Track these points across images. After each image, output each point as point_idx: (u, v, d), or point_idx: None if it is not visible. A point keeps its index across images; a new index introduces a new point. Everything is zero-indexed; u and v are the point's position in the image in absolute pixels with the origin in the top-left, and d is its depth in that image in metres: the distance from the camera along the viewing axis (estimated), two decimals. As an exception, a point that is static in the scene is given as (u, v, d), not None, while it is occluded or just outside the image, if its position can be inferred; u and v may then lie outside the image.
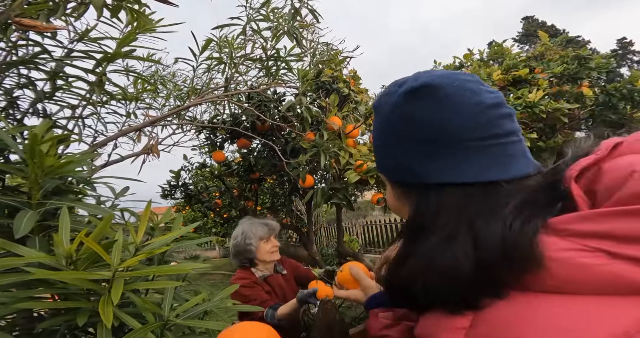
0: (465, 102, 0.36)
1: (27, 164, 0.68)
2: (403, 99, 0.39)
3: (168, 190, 2.91)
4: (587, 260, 0.28)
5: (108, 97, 1.43)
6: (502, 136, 0.37)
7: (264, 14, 1.47)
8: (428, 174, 0.38)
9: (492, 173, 0.35)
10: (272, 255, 1.41)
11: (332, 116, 1.63)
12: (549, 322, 0.27)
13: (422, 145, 0.38)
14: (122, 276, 0.60)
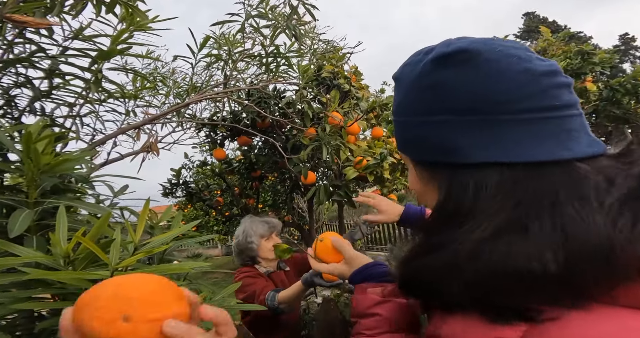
0: (512, 69, 0.30)
1: (25, 163, 0.67)
2: (431, 66, 0.34)
3: (169, 188, 2.91)
4: None
5: (106, 95, 1.42)
6: (558, 108, 0.30)
7: (262, 12, 1.45)
8: (466, 152, 0.31)
9: (546, 153, 0.29)
10: (274, 253, 1.40)
11: (332, 111, 1.61)
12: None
13: (458, 117, 0.32)
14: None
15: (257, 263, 1.39)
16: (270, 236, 1.41)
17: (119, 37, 1.18)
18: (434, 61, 0.33)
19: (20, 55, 1.07)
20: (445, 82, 0.33)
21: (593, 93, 2.51)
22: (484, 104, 0.31)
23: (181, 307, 0.29)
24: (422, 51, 0.37)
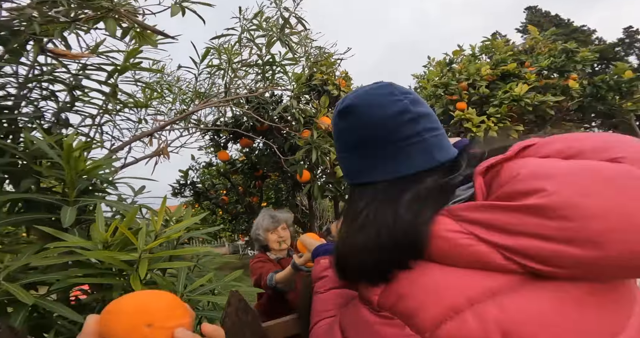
0: (373, 116, 0.45)
1: (64, 168, 0.83)
2: (337, 119, 0.50)
3: (178, 189, 3.09)
4: (464, 241, 0.36)
5: (121, 106, 1.58)
6: (407, 138, 0.44)
7: (257, 24, 1.59)
8: (356, 174, 0.49)
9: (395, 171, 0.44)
10: (279, 245, 1.53)
11: (322, 116, 1.76)
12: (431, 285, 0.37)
13: (350, 152, 0.49)
14: (146, 257, 0.75)
15: (269, 251, 1.56)
16: (276, 229, 1.54)
17: (131, 54, 1.33)
18: (337, 115, 0.50)
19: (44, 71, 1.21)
20: (342, 129, 0.50)
21: (575, 90, 2.60)
22: (358, 144, 0.47)
23: (187, 319, 0.34)
24: (337, 103, 0.53)
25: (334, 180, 1.82)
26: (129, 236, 0.69)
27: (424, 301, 0.36)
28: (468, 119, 2.55)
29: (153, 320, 0.31)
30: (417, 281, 0.38)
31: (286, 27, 1.61)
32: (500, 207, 0.34)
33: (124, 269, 0.76)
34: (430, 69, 3.73)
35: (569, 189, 0.31)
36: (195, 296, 0.83)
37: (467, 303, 0.34)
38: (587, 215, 0.30)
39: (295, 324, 0.66)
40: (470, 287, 0.35)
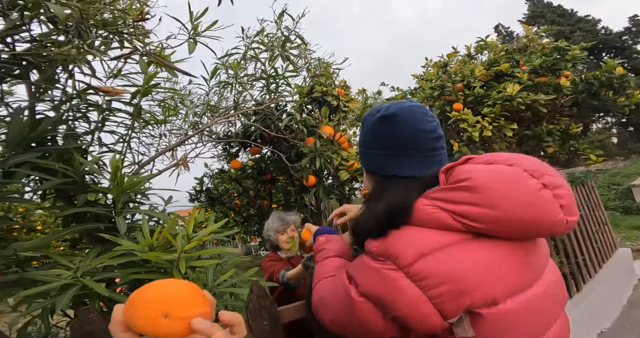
0: (411, 128, 0.64)
1: (112, 186, 1.01)
2: (378, 121, 0.66)
3: (194, 195, 3.30)
4: (431, 210, 0.57)
5: (144, 124, 1.76)
6: (430, 150, 0.65)
7: (259, 41, 1.76)
8: (385, 169, 0.67)
9: (416, 172, 0.64)
10: (288, 245, 1.65)
11: (323, 126, 1.92)
12: (409, 238, 0.56)
13: (385, 151, 0.66)
14: (184, 257, 0.92)
15: (279, 250, 1.69)
16: (285, 231, 1.66)
17: (151, 78, 1.49)
18: (380, 118, 0.66)
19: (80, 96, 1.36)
20: (381, 132, 0.67)
21: (566, 88, 2.68)
22: (396, 147, 0.66)
23: (205, 307, 0.34)
24: (377, 107, 0.70)
25: (339, 183, 1.98)
26: (170, 240, 0.87)
27: (404, 247, 0.55)
28: (464, 119, 2.65)
29: (170, 310, 0.32)
30: (401, 236, 0.57)
31: (287, 42, 1.77)
32: (449, 188, 0.57)
33: (167, 267, 0.93)
34: (428, 70, 3.83)
35: (483, 178, 0.54)
36: (221, 288, 1.00)
37: (430, 250, 0.54)
38: (490, 191, 0.53)
39: (302, 309, 0.82)
40: (433, 240, 0.55)
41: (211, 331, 0.33)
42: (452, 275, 0.51)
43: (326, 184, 2.02)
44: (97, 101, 1.42)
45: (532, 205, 0.51)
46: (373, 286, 0.56)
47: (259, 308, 0.71)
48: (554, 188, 0.53)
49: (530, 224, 0.52)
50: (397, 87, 4.11)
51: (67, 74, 1.21)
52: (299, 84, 2.19)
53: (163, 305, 0.32)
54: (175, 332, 0.32)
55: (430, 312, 0.51)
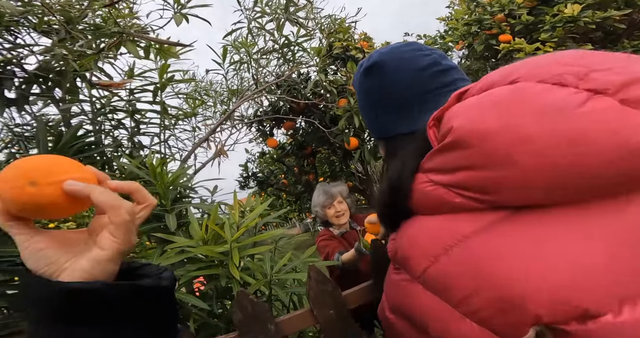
0: (403, 71, 0.47)
1: (155, 184, 1.00)
2: (362, 77, 0.52)
3: (243, 182, 3.41)
4: (428, 189, 0.38)
5: (175, 120, 1.76)
6: (438, 88, 0.47)
7: (260, 10, 1.55)
8: (390, 129, 0.51)
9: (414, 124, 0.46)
10: (338, 220, 1.53)
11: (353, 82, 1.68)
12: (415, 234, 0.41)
13: (384, 108, 0.50)
14: (236, 246, 0.87)
15: (331, 225, 1.57)
16: (332, 204, 1.53)
17: (163, 71, 1.43)
18: (363, 73, 0.51)
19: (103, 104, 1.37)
20: (370, 87, 0.50)
21: None
22: (391, 100, 0.48)
23: (82, 173, 0.30)
24: (360, 63, 0.54)
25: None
26: (218, 231, 0.82)
27: (411, 247, 0.40)
28: (519, 49, 2.22)
29: (36, 177, 0.28)
30: (405, 234, 0.42)
31: (290, 5, 1.53)
32: (438, 150, 0.37)
33: (222, 259, 0.91)
34: (455, 8, 3.26)
35: (467, 121, 0.34)
36: (282, 275, 0.94)
37: (443, 248, 0.36)
38: (486, 139, 0.32)
39: (369, 290, 0.71)
40: (445, 232, 0.37)
41: (87, 190, 0.28)
42: (484, 277, 0.32)
43: (370, 145, 1.83)
44: (124, 105, 1.42)
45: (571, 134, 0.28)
46: (399, 302, 0.44)
47: (321, 295, 0.62)
48: (619, 89, 0.28)
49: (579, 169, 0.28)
50: (424, 35, 3.54)
51: (84, 84, 1.19)
52: (316, 47, 1.96)
53: (27, 173, 0.28)
54: (48, 199, 0.28)
55: (475, 332, 0.33)
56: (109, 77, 1.35)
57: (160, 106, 1.48)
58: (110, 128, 1.44)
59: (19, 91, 0.89)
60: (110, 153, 1.33)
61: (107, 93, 1.36)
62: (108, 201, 0.29)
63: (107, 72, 1.33)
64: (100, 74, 1.27)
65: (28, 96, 0.95)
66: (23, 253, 0.28)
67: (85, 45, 0.91)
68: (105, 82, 1.31)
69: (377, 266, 0.70)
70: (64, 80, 1.00)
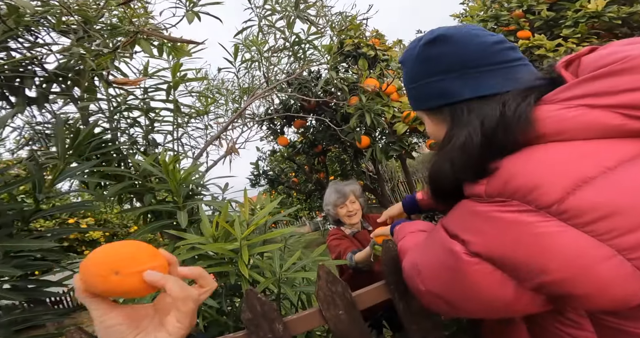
0: (472, 43, 0.49)
1: (168, 181, 1.01)
2: (424, 48, 0.52)
3: (254, 180, 3.44)
4: (572, 114, 0.38)
5: (187, 118, 1.78)
6: (508, 61, 0.48)
7: (271, 8, 1.54)
8: (456, 93, 0.49)
9: (500, 87, 0.46)
10: (350, 219, 1.50)
11: (364, 79, 1.65)
12: (548, 159, 0.38)
13: (447, 74, 0.50)
14: (245, 244, 0.87)
15: (343, 225, 1.54)
16: (344, 204, 1.50)
17: (176, 69, 1.44)
18: (425, 44, 0.52)
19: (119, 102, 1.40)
20: (434, 55, 0.51)
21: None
22: (458, 66, 0.49)
23: (158, 262, 0.35)
24: (415, 40, 0.56)
25: (396, 138, 1.74)
26: (228, 228, 0.82)
27: (542, 175, 0.37)
28: (538, 45, 2.15)
29: (119, 268, 0.32)
30: (531, 160, 0.39)
31: (300, 3, 1.52)
32: (595, 77, 0.38)
33: (232, 257, 0.91)
34: (470, 4, 3.18)
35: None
36: (291, 274, 0.93)
37: (597, 171, 0.35)
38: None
39: (383, 291, 0.69)
40: (597, 155, 0.36)
41: (163, 281, 0.33)
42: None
43: (381, 144, 1.80)
44: (138, 104, 1.45)
45: None
46: (493, 240, 0.38)
47: (330, 296, 0.61)
48: None
49: None
50: None
51: (101, 83, 1.22)
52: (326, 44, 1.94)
53: (111, 263, 0.33)
54: (129, 288, 0.33)
55: (622, 272, 0.31)
56: (124, 76, 1.38)
57: (174, 104, 1.50)
58: (126, 126, 1.48)
59: (39, 89, 0.92)
60: (126, 150, 1.36)
61: (123, 92, 1.39)
62: (179, 293, 0.33)
63: (123, 71, 1.36)
64: (116, 73, 1.30)
65: (48, 94, 0.97)
66: (97, 327, 0.33)
67: (102, 44, 0.93)
68: (120, 80, 1.34)
69: (389, 267, 0.68)
70: (82, 79, 1.02)
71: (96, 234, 6.05)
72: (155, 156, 1.29)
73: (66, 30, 0.91)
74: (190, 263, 0.98)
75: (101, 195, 1.04)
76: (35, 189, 0.78)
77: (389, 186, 6.20)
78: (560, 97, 0.40)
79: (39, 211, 0.88)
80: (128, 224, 6.83)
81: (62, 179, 0.82)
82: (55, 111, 1.11)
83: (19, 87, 0.87)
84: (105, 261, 0.33)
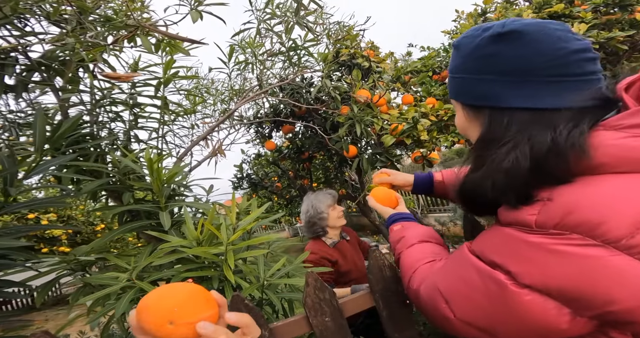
0: (550, 48, 0.43)
1: (151, 180, 0.97)
2: (488, 41, 0.46)
3: (237, 182, 3.37)
4: (634, 144, 0.37)
5: (174, 116, 1.73)
6: (580, 74, 0.43)
7: (271, 12, 1.56)
8: (504, 99, 0.45)
9: (554, 102, 0.43)
10: (340, 220, 1.55)
11: (357, 90, 1.70)
12: (614, 193, 0.36)
13: (500, 77, 0.46)
14: (231, 248, 0.85)
15: (326, 234, 1.55)
16: (334, 205, 1.57)
17: (168, 66, 1.41)
18: (491, 37, 0.46)
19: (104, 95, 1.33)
20: (496, 53, 0.46)
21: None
22: (520, 70, 0.44)
23: (210, 311, 0.37)
24: (481, 26, 0.50)
25: (382, 150, 1.78)
26: (214, 232, 0.80)
27: (609, 209, 0.35)
28: None
29: (174, 317, 0.34)
30: (593, 193, 0.37)
31: (301, 9, 1.55)
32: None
33: (215, 261, 0.88)
34: (461, 22, 3.31)
35: None
36: (275, 280, 0.91)
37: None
38: None
39: (368, 299, 0.70)
40: None
41: (215, 335, 0.35)
42: None
43: (367, 154, 1.84)
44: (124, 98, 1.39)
45: None
46: (551, 272, 0.37)
47: (318, 303, 0.61)
48: None
49: None
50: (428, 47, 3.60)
51: (87, 74, 1.17)
52: (323, 53, 1.98)
53: (166, 313, 0.34)
54: (180, 336, 0.34)
55: None
56: (113, 69, 1.33)
57: (162, 101, 1.45)
58: (107, 120, 1.41)
59: (18, 77, 0.86)
60: (106, 145, 1.29)
61: (109, 85, 1.34)
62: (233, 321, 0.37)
63: (111, 64, 1.31)
64: (104, 66, 1.25)
65: (28, 83, 0.92)
66: None
67: (95, 36, 0.89)
68: (112, 74, 1.28)
69: (375, 276, 0.69)
70: (67, 69, 0.97)
71: (57, 231, 5.60)
72: (138, 153, 1.24)
73: (59, 20, 0.86)
74: (167, 266, 0.94)
75: (77, 191, 0.98)
76: (6, 183, 0.72)
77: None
78: (624, 124, 0.38)
79: (4, 206, 0.81)
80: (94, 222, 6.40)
81: (37, 173, 0.77)
82: (32, 100, 1.05)
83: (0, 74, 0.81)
84: (161, 308, 0.34)
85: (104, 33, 0.98)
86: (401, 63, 2.92)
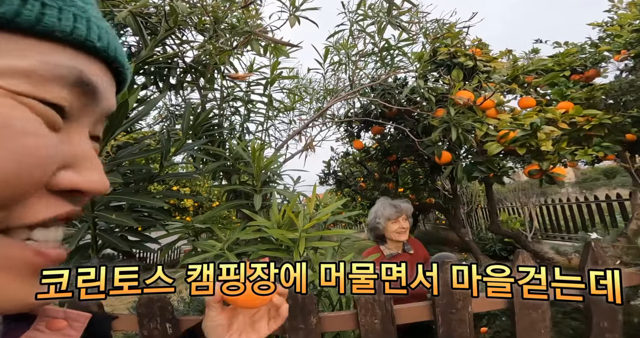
0: None
1: (253, 166, 1.15)
2: None
3: (323, 178, 3.57)
4: None
5: (277, 112, 1.98)
6: None
7: (363, 13, 1.56)
8: None
9: None
10: (399, 236, 1.49)
11: (457, 91, 1.50)
12: None
13: None
14: (304, 236, 0.92)
15: (385, 243, 1.53)
16: (397, 219, 1.50)
17: (274, 67, 1.61)
18: None
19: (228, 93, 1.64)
20: None
21: None
22: None
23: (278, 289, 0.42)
24: None
25: (484, 159, 1.54)
26: (292, 218, 0.88)
27: None
28: None
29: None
30: None
31: (392, 9, 1.49)
32: None
33: (289, 245, 0.97)
34: (619, 12, 2.50)
35: None
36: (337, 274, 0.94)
37: None
38: None
39: (425, 311, 0.64)
40: None
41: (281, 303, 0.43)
42: None
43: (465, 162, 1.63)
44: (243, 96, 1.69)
45: None
46: None
47: (371, 302, 0.59)
48: None
49: None
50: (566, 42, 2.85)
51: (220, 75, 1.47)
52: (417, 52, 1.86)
53: None
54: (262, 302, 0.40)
55: None
56: (235, 71, 1.63)
57: (268, 99, 1.68)
58: (229, 114, 1.74)
59: (178, 78, 1.16)
60: (226, 134, 1.61)
61: (232, 84, 1.65)
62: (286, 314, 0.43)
63: (235, 66, 1.61)
64: (229, 68, 1.55)
65: (184, 82, 1.23)
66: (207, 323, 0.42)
67: (224, 42, 1.12)
68: (234, 74, 1.58)
69: (442, 289, 0.62)
70: (207, 71, 1.26)
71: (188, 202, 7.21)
72: (247, 142, 1.48)
73: (202, 29, 1.12)
74: (253, 243, 1.09)
75: (204, 169, 1.25)
76: (163, 157, 1.00)
77: (465, 209, 5.54)
78: None
79: (159, 175, 1.12)
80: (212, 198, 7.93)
81: (181, 152, 1.03)
82: (184, 97, 1.39)
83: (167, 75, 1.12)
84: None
85: (230, 39, 1.21)
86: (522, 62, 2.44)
